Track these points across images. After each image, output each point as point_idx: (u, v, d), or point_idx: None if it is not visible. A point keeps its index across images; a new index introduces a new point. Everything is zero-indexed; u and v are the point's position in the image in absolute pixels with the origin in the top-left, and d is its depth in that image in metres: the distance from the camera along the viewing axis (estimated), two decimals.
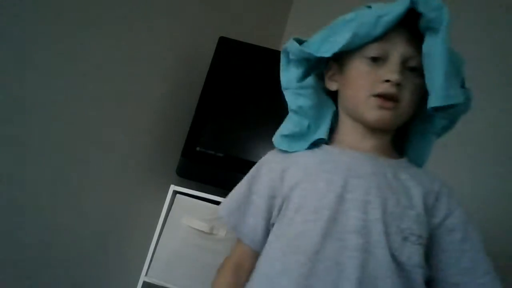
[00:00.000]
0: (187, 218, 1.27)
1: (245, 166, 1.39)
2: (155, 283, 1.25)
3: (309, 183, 0.71)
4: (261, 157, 0.82)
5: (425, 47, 0.69)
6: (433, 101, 0.68)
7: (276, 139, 0.80)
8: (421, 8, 0.68)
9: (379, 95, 0.70)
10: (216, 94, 1.37)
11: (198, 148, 1.33)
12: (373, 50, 0.71)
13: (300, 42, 0.78)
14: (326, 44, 0.74)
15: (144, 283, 1.25)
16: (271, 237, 0.73)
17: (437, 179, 0.75)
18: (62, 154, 1.04)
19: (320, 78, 0.81)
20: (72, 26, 1.02)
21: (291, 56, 0.79)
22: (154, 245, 1.27)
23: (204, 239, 1.25)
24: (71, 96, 1.04)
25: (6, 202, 0.93)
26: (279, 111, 1.39)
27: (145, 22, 1.23)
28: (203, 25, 1.48)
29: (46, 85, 0.98)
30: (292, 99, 0.80)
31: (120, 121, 1.20)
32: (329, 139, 0.78)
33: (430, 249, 0.70)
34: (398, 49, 0.71)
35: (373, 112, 0.71)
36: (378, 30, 0.70)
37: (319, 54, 0.74)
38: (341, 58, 0.76)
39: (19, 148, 0.94)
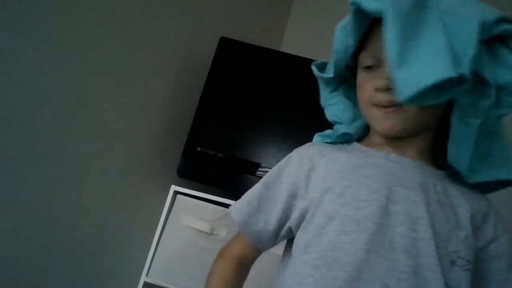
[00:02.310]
0: (188, 219, 1.27)
1: (246, 166, 1.40)
2: (155, 283, 1.25)
3: (346, 189, 0.63)
4: (262, 158, 0.78)
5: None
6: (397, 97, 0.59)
7: (314, 138, 0.77)
8: (363, 5, 0.60)
9: (378, 105, 0.65)
10: (217, 94, 1.37)
11: (198, 149, 1.33)
12: (364, 59, 0.67)
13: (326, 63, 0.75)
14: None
15: (145, 283, 1.25)
16: (295, 247, 0.65)
17: (484, 197, 0.67)
18: (62, 154, 1.04)
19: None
20: (72, 26, 1.02)
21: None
22: (154, 246, 1.27)
23: (205, 240, 1.25)
24: (71, 96, 1.04)
25: (6, 203, 0.93)
26: (280, 111, 1.39)
27: (146, 22, 1.23)
28: (203, 25, 1.48)
29: (46, 84, 0.98)
30: (328, 112, 0.76)
31: (120, 122, 1.20)
32: (360, 140, 0.74)
33: None
34: (384, 51, 0.63)
35: (379, 122, 0.65)
36: (350, 41, 0.65)
37: (325, 76, 0.71)
38: None
39: (20, 148, 0.94)
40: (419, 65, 0.54)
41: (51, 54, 0.98)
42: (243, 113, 1.38)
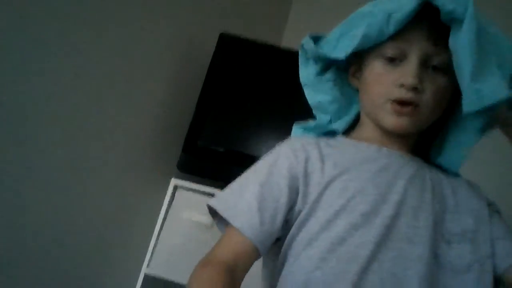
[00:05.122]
0: (188, 212, 1.28)
1: (246, 160, 1.39)
2: (156, 275, 1.26)
3: (349, 182, 0.63)
4: (262, 152, 0.72)
5: (451, 42, 0.61)
6: (465, 106, 0.60)
7: (293, 129, 0.76)
8: (436, 0, 0.60)
9: (395, 101, 0.64)
10: (217, 89, 1.38)
11: (199, 143, 1.34)
12: (389, 49, 0.64)
13: (318, 38, 0.71)
14: (343, 41, 0.67)
15: (146, 275, 1.26)
16: (296, 242, 0.62)
17: (460, 176, 0.70)
18: (63, 149, 1.05)
19: (345, 70, 0.74)
20: (72, 24, 1.02)
21: (308, 54, 0.72)
22: (155, 239, 1.28)
23: (205, 233, 1.26)
24: (71, 90, 1.05)
25: (7, 201, 0.94)
26: (280, 106, 1.40)
27: (146, 18, 1.24)
28: (203, 21, 1.48)
29: (46, 82, 0.98)
30: (311, 95, 0.74)
31: (121, 116, 1.21)
32: (347, 133, 0.73)
33: None
34: (416, 47, 0.63)
35: (390, 118, 0.65)
36: (391, 29, 0.63)
37: (333, 56, 0.68)
38: (362, 54, 0.69)
39: (20, 146, 0.95)
40: (490, 80, 0.59)
41: (50, 53, 0.98)
42: (243, 108, 1.38)
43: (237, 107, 1.39)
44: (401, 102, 0.64)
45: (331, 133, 0.74)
